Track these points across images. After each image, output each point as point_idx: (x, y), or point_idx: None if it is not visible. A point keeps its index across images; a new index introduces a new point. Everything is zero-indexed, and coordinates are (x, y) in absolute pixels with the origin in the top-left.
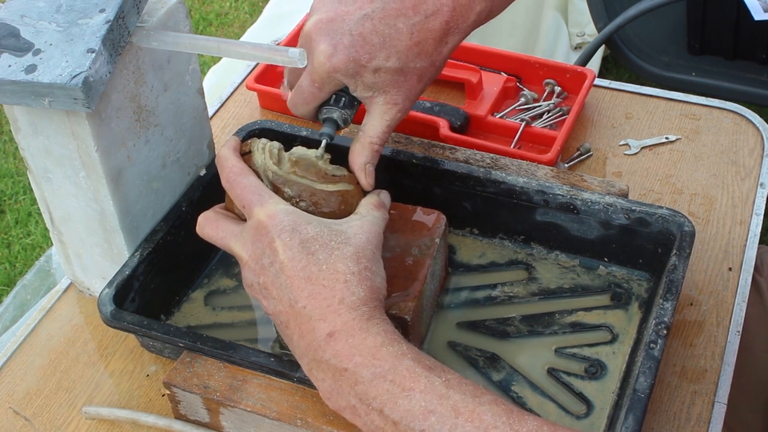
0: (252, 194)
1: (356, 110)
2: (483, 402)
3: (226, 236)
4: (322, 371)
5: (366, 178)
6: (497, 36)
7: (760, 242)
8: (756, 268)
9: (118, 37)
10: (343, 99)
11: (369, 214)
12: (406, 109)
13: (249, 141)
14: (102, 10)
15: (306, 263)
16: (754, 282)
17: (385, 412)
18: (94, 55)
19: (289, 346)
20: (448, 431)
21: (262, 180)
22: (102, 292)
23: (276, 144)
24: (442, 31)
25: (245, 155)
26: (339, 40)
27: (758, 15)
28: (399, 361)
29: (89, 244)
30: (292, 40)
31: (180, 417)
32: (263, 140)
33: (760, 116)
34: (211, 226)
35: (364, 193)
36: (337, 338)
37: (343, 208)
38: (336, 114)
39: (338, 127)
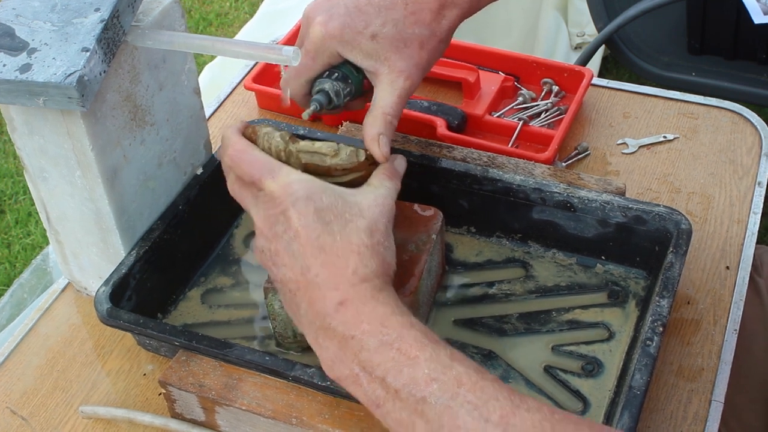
0: (262, 168)
1: (350, 88)
2: (486, 378)
3: (245, 200)
4: (327, 339)
5: (380, 149)
6: (496, 36)
7: (760, 242)
8: (755, 269)
9: (113, 36)
10: (336, 73)
11: (381, 186)
12: (415, 79)
13: (256, 126)
14: (97, 9)
15: (320, 232)
16: (754, 283)
17: (387, 380)
18: (88, 54)
19: (293, 316)
20: (449, 398)
21: None
22: (99, 290)
23: (281, 139)
24: (437, 3)
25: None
26: (335, 10)
27: (758, 18)
28: (407, 331)
29: (86, 243)
30: (290, 40)
31: (176, 416)
32: (268, 129)
33: (760, 116)
34: (235, 188)
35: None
36: (348, 306)
37: None
38: (327, 85)
39: (329, 99)
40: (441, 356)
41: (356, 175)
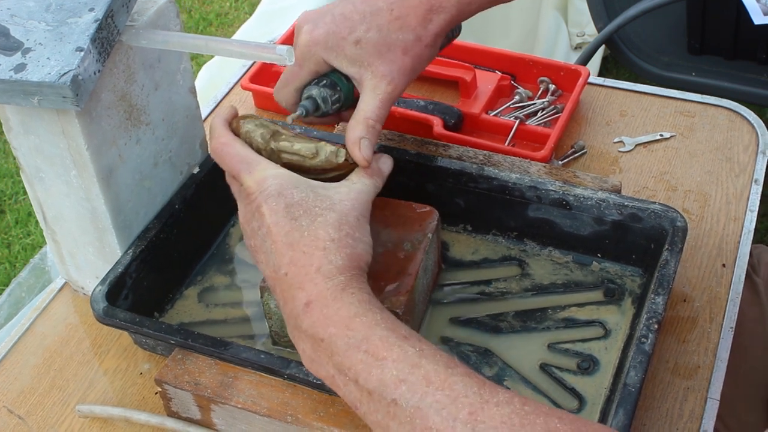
0: (240, 163)
1: (339, 95)
2: (455, 373)
3: (235, 194)
4: (302, 341)
5: (360, 152)
6: (496, 36)
7: (759, 242)
8: (752, 268)
9: (108, 36)
10: (324, 80)
11: (359, 181)
12: (398, 83)
13: (240, 121)
14: (91, 9)
15: (289, 229)
16: (752, 282)
17: (360, 382)
18: (82, 53)
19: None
20: (418, 399)
21: None
22: (95, 289)
23: (261, 139)
24: (424, 8)
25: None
26: (322, 19)
27: (758, 19)
28: (372, 331)
29: (82, 243)
30: (288, 39)
31: (172, 414)
32: (249, 126)
33: (760, 116)
34: (229, 180)
35: None
36: (313, 308)
37: None
38: (315, 91)
39: (317, 106)
40: (409, 354)
41: (337, 174)
